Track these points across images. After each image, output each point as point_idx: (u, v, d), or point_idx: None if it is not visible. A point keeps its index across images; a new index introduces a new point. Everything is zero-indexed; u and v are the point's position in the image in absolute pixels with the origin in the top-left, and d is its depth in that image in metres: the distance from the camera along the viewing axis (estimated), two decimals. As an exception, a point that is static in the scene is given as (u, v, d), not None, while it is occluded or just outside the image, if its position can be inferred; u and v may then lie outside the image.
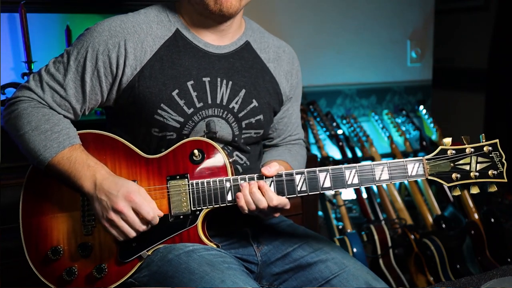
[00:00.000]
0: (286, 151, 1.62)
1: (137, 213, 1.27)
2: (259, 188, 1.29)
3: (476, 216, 2.75)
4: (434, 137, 3.31)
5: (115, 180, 1.29)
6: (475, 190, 1.27)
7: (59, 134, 1.32)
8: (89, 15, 2.38)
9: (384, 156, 3.16)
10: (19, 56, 2.24)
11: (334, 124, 3.10)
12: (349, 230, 2.69)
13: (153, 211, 1.28)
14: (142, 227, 1.28)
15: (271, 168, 1.31)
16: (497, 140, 1.27)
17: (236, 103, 1.44)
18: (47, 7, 2.27)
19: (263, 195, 1.28)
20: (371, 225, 2.62)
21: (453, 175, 1.27)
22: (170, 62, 1.38)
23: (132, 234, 1.28)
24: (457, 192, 1.28)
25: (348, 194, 3.06)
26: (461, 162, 1.27)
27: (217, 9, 1.34)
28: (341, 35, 3.17)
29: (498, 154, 1.26)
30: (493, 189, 1.27)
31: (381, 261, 2.54)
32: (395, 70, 3.40)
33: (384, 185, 2.99)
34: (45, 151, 1.30)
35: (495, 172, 1.25)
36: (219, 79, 1.42)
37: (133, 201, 1.26)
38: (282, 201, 1.30)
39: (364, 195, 2.88)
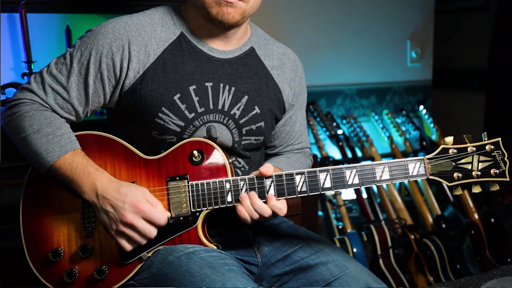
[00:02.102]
0: (285, 159, 1.60)
1: (147, 221, 1.27)
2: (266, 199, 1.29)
3: (476, 216, 2.75)
4: (434, 137, 3.31)
5: (116, 187, 1.28)
6: (477, 189, 1.26)
7: (61, 138, 1.32)
8: (89, 15, 2.37)
9: (384, 156, 3.16)
10: (19, 56, 2.24)
11: (334, 124, 3.10)
12: (349, 230, 2.69)
13: (163, 216, 1.28)
14: (154, 234, 1.28)
15: (269, 168, 1.30)
16: (499, 139, 1.25)
17: (238, 109, 1.43)
18: (47, 7, 2.27)
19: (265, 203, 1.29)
20: (371, 225, 2.62)
21: (455, 175, 1.25)
22: (173, 66, 1.37)
23: (143, 242, 1.29)
24: (458, 192, 1.27)
25: (348, 194, 3.06)
26: (462, 161, 1.25)
27: (218, 18, 1.33)
28: (341, 35, 3.17)
29: (500, 153, 1.25)
30: (495, 188, 1.25)
31: (381, 261, 2.54)
32: (395, 70, 3.40)
33: (384, 185, 2.99)
34: (46, 154, 1.29)
35: (497, 171, 1.24)
36: (221, 85, 1.41)
37: (142, 211, 1.26)
38: (283, 204, 1.30)
39: (364, 195, 2.88)
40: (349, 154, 3.03)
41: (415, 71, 3.48)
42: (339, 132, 3.07)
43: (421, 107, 3.44)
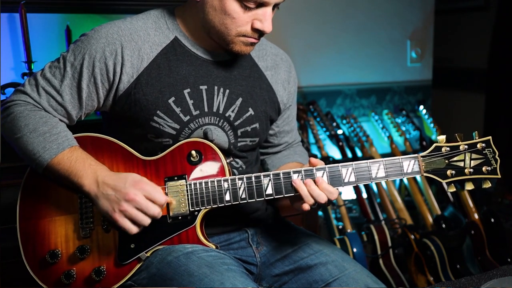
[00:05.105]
0: (292, 152, 1.64)
1: (149, 199, 1.27)
2: (315, 183, 1.28)
3: (476, 216, 2.75)
4: (434, 137, 3.31)
5: (117, 174, 1.29)
6: (469, 186, 1.29)
7: (58, 136, 1.32)
8: (89, 15, 2.38)
9: (384, 156, 3.15)
10: (19, 56, 2.24)
11: (334, 124, 3.10)
12: (349, 230, 2.69)
13: (164, 197, 1.29)
14: (156, 212, 1.27)
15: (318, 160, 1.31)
16: (489, 137, 1.29)
17: (233, 111, 1.43)
18: (47, 7, 2.27)
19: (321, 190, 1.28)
20: (371, 225, 2.62)
21: (448, 172, 1.28)
22: (167, 70, 1.38)
23: (147, 221, 1.27)
24: (452, 189, 1.30)
25: (348, 194, 3.06)
26: (455, 159, 1.28)
27: (238, 53, 1.36)
28: (341, 35, 3.17)
29: (491, 151, 1.28)
30: (487, 185, 1.29)
31: (381, 261, 2.54)
32: (395, 70, 3.40)
33: (384, 185, 2.99)
34: (44, 152, 1.29)
35: (489, 168, 1.27)
36: (216, 87, 1.42)
37: (144, 188, 1.26)
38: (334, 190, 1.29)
39: (364, 195, 2.88)
40: (349, 154, 3.03)
41: (415, 71, 3.48)
42: (339, 132, 3.07)
43: (421, 107, 3.44)
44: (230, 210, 1.37)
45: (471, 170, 1.28)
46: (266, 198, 1.32)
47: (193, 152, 1.35)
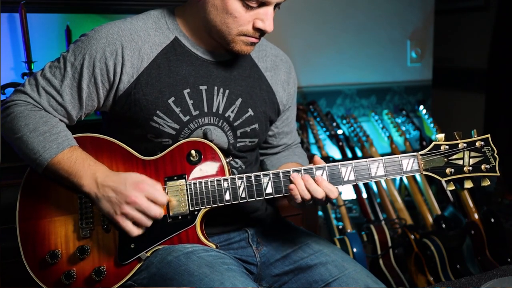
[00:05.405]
0: (291, 153, 1.64)
1: (150, 200, 1.27)
2: (315, 181, 1.29)
3: (476, 216, 2.75)
4: (434, 137, 3.31)
5: (117, 174, 1.30)
6: (469, 184, 1.29)
7: (58, 135, 1.32)
8: (89, 15, 2.38)
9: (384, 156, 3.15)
10: (19, 56, 2.24)
11: (334, 124, 3.10)
12: (349, 230, 2.69)
13: (164, 196, 1.30)
14: (158, 213, 1.28)
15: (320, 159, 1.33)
16: (488, 135, 1.29)
17: (232, 112, 1.44)
18: (47, 7, 2.27)
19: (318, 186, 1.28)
20: (371, 225, 2.62)
21: (447, 170, 1.29)
22: (167, 70, 1.38)
23: (149, 223, 1.28)
24: (451, 187, 1.30)
25: (348, 194, 3.06)
26: (454, 157, 1.29)
27: (238, 52, 1.36)
28: (341, 35, 3.17)
29: (490, 149, 1.28)
30: (486, 183, 1.29)
31: (381, 261, 2.54)
32: (395, 70, 3.40)
33: (384, 185, 2.99)
34: (44, 152, 1.29)
35: (487, 166, 1.27)
36: (216, 88, 1.42)
37: (145, 190, 1.26)
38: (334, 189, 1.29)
39: (364, 195, 2.88)
40: (349, 154, 3.03)
41: (415, 71, 3.48)
42: (339, 132, 3.07)
43: (421, 107, 3.44)
44: (230, 210, 1.37)
45: (470, 168, 1.28)
46: (266, 198, 1.32)
47: (193, 152, 1.35)
